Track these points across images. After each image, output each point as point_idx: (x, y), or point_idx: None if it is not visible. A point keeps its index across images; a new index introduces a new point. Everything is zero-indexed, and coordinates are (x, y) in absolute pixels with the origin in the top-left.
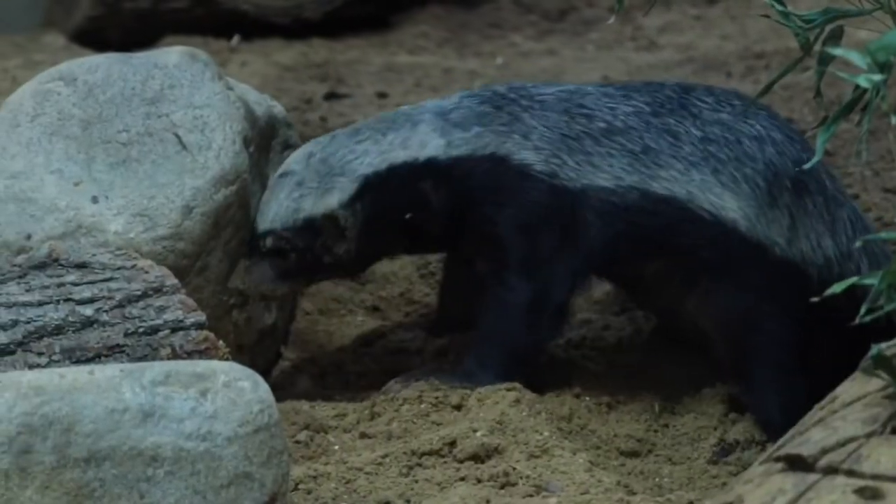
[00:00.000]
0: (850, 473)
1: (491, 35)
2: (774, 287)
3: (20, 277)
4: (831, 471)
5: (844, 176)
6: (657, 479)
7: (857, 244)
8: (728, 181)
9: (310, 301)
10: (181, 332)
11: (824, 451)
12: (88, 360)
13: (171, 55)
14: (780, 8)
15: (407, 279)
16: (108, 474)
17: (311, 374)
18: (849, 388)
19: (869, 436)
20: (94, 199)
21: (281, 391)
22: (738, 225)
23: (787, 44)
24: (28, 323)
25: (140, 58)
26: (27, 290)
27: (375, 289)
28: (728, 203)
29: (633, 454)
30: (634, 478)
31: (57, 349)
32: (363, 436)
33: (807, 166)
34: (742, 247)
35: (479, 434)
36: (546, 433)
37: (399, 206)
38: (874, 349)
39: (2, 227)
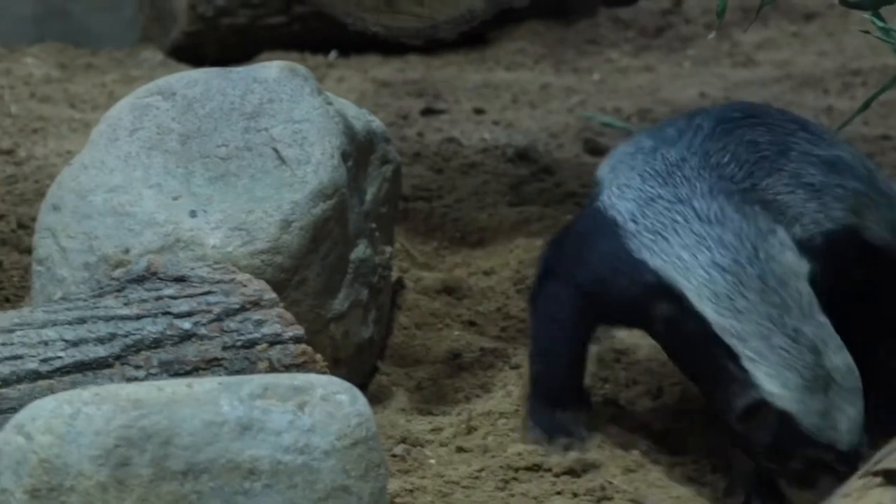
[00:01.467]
0: None
1: (588, 51)
2: None
3: (118, 291)
4: None
5: None
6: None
7: None
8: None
9: (406, 315)
10: (279, 346)
11: None
12: (186, 374)
13: (271, 70)
14: (880, 24)
15: (504, 294)
16: (205, 487)
17: (408, 388)
18: None
19: None
20: (193, 214)
21: (377, 405)
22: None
23: (884, 61)
24: (126, 336)
25: (239, 72)
26: (125, 304)
27: (472, 304)
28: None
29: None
30: None
31: (155, 362)
32: (459, 450)
33: None
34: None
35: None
36: (643, 448)
37: None
38: None
39: (100, 241)
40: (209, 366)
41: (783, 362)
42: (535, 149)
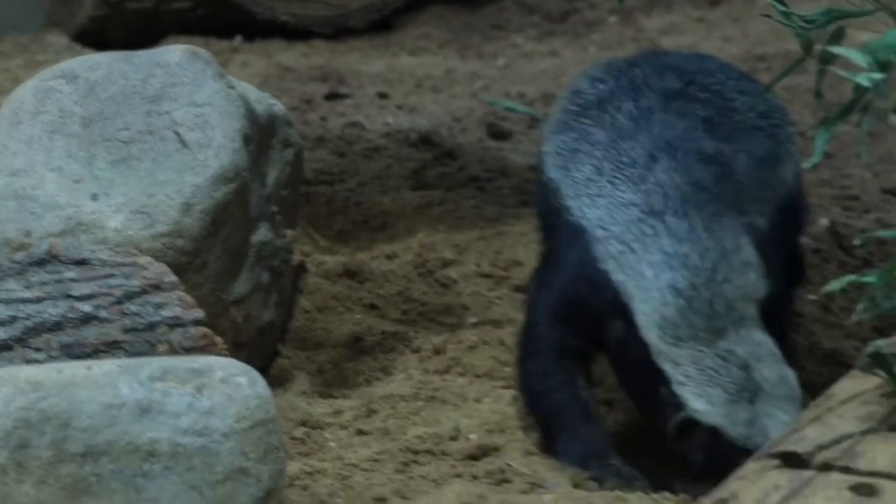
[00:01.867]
0: (846, 470)
1: (493, 36)
2: None
3: (19, 274)
4: (827, 468)
5: (844, 178)
6: (656, 477)
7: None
8: None
9: (308, 299)
10: (179, 329)
11: (820, 448)
12: (87, 356)
13: (173, 53)
14: (781, 8)
15: (405, 278)
16: (104, 469)
17: (309, 372)
18: (845, 386)
19: (865, 433)
20: (94, 197)
21: (278, 388)
22: None
23: (787, 46)
24: (27, 319)
25: (141, 56)
26: (26, 287)
27: (373, 287)
28: None
29: (630, 451)
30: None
31: (55, 345)
32: (359, 432)
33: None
34: None
35: (475, 431)
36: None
37: None
38: (871, 347)
39: (2, 224)
40: (109, 348)
41: (709, 381)
42: (438, 133)
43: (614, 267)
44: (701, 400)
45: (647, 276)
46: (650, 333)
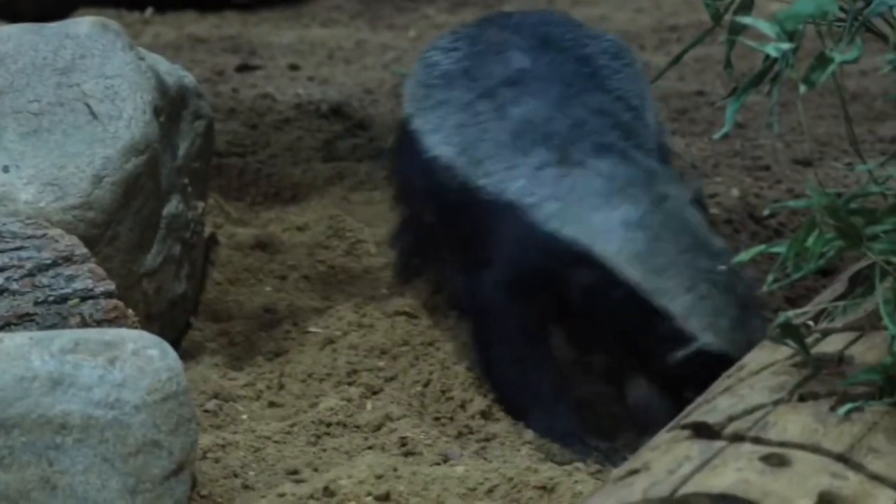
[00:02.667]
0: (757, 441)
1: (404, 8)
2: None
3: None
4: (738, 438)
5: (755, 148)
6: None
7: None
8: None
9: (219, 271)
10: (91, 301)
11: (731, 419)
12: None
13: (83, 25)
14: None
15: (317, 247)
16: (16, 442)
17: (221, 344)
18: (756, 356)
19: (776, 403)
20: (5, 169)
21: (190, 360)
22: None
23: (699, 17)
24: None
25: (51, 28)
26: None
27: (285, 259)
28: None
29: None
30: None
31: None
32: (272, 405)
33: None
34: None
35: (388, 404)
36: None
37: None
38: (782, 317)
39: None
40: (21, 321)
41: (711, 310)
42: (349, 105)
43: (559, 223)
44: (709, 332)
45: (597, 218)
46: (630, 271)
